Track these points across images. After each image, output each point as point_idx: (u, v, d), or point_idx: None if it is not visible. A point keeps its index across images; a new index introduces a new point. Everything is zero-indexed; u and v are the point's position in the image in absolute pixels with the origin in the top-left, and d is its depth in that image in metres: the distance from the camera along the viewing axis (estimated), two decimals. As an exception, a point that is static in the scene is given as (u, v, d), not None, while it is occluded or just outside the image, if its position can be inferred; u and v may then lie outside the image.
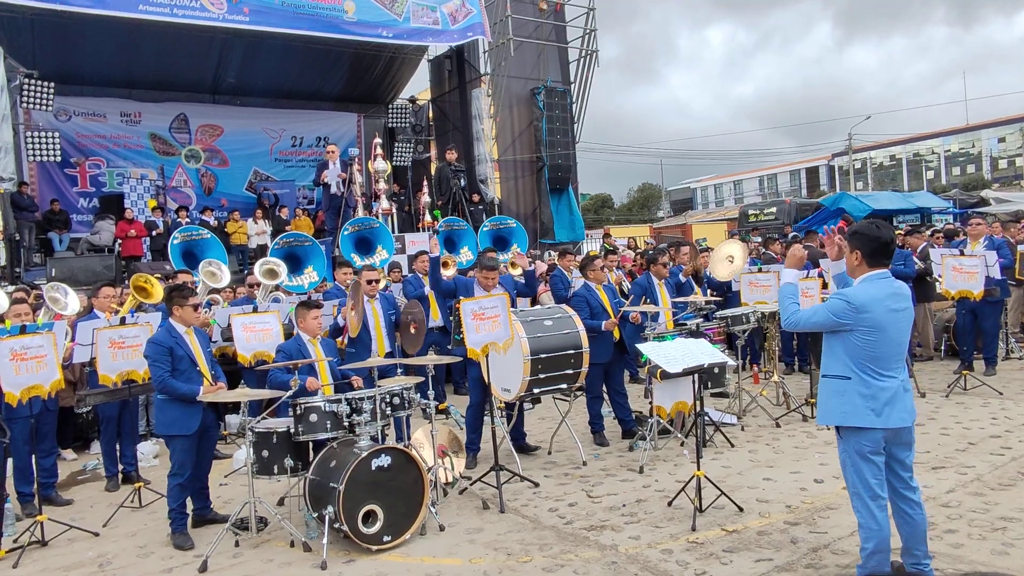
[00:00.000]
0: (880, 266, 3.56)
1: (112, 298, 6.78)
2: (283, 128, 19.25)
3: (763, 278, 8.23)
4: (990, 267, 7.85)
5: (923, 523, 3.61)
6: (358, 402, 4.93)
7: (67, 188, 16.59)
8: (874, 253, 3.55)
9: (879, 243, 3.54)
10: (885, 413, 3.45)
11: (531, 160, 17.75)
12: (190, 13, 12.93)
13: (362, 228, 11.75)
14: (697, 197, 61.40)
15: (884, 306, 3.47)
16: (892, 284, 3.56)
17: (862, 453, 3.50)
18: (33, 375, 5.03)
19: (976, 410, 7.06)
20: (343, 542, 4.68)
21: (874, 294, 3.48)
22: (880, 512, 3.49)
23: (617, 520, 4.89)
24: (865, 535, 3.54)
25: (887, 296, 3.50)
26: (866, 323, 3.45)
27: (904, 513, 3.60)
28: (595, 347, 6.52)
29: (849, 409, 3.49)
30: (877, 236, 3.55)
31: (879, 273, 3.55)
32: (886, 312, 3.47)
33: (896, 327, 3.51)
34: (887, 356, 3.49)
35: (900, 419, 3.47)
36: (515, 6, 17.02)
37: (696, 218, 41.26)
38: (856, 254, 3.59)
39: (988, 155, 45.60)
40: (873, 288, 3.51)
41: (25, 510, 5.76)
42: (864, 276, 3.58)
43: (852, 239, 3.64)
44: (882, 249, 3.55)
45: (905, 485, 3.60)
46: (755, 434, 6.82)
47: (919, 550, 3.61)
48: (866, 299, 3.46)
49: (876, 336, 3.46)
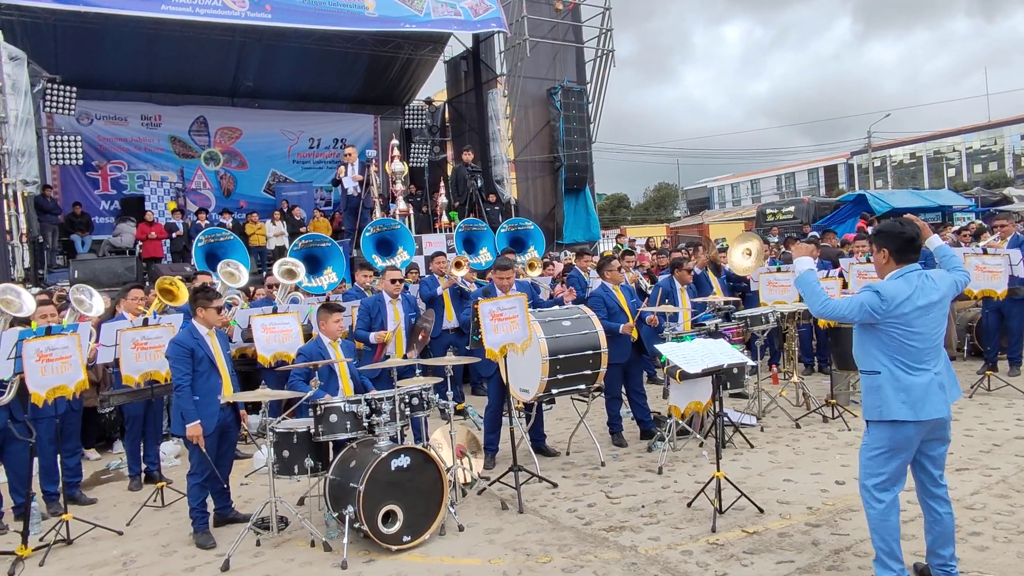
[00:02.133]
0: (908, 262, 3.58)
1: (140, 300, 6.86)
2: (301, 130, 19.40)
3: (782, 278, 8.16)
4: (1014, 265, 7.74)
5: (951, 524, 3.58)
6: (377, 403, 4.96)
7: (89, 191, 16.82)
8: (901, 249, 3.58)
9: (903, 239, 3.58)
10: (918, 406, 3.44)
11: (548, 160, 17.74)
12: (212, 11, 13.00)
13: (383, 230, 11.82)
14: (714, 196, 61.09)
15: (914, 301, 3.48)
16: (925, 279, 3.55)
17: (890, 448, 3.50)
18: (58, 376, 5.09)
19: (1000, 411, 6.97)
20: (363, 542, 4.71)
21: (904, 289, 3.50)
22: (888, 502, 3.50)
23: (636, 521, 4.87)
24: (873, 526, 3.56)
25: (917, 291, 3.50)
26: (895, 317, 3.47)
27: (933, 511, 3.59)
28: (613, 347, 6.51)
29: (882, 403, 3.50)
30: (901, 232, 3.59)
31: (910, 267, 3.57)
32: (916, 307, 3.48)
33: (927, 321, 3.51)
34: (918, 350, 3.49)
35: (935, 410, 3.46)
36: (531, 7, 17.02)
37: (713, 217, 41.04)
38: (884, 252, 3.62)
39: (1011, 152, 44.99)
40: (904, 283, 3.52)
41: (50, 509, 5.84)
42: (892, 273, 3.59)
43: (877, 238, 3.69)
44: (908, 245, 3.58)
45: (935, 483, 3.59)
46: (775, 435, 6.78)
47: (946, 551, 3.58)
48: (896, 293, 3.48)
49: (906, 330, 3.47)
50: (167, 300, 7.22)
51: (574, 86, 17.88)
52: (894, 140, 47.42)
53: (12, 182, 11.64)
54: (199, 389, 5.07)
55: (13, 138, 11.59)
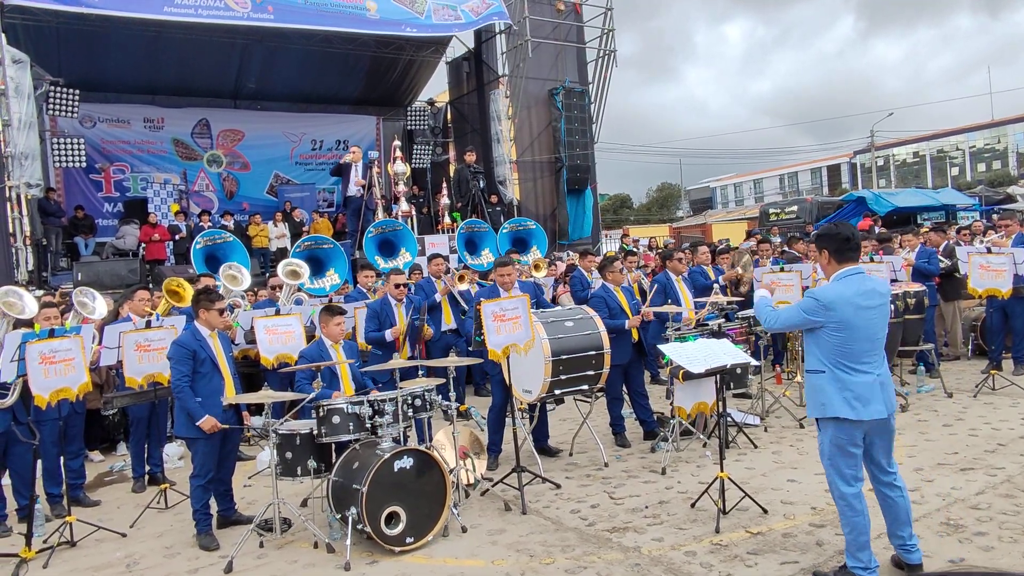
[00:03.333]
0: (849, 261, 3.73)
1: (146, 301, 6.87)
2: (303, 132, 19.41)
3: (785, 277, 8.14)
4: (1018, 264, 7.71)
5: (905, 505, 3.72)
6: (380, 404, 4.96)
7: (92, 193, 16.86)
8: (839, 250, 3.74)
9: (839, 239, 3.75)
10: (860, 406, 3.58)
11: (550, 161, 17.73)
12: (215, 13, 13.03)
13: (386, 231, 11.82)
14: (717, 196, 61.02)
15: (853, 303, 3.61)
16: (865, 282, 3.69)
17: (839, 445, 3.65)
18: (61, 378, 5.10)
19: (1005, 410, 6.94)
20: (366, 543, 4.71)
21: (843, 292, 3.64)
22: (855, 499, 3.63)
23: (640, 522, 4.86)
24: (843, 521, 3.70)
25: (857, 293, 3.63)
26: (835, 320, 3.61)
27: (886, 497, 3.74)
28: (614, 348, 6.51)
29: (826, 401, 3.66)
30: (836, 233, 3.79)
31: (851, 269, 3.72)
32: (855, 309, 3.61)
33: (867, 323, 3.63)
34: (859, 352, 3.62)
35: (876, 411, 3.60)
36: (533, 7, 17.01)
37: (716, 217, 41.00)
38: (824, 254, 3.80)
39: (1015, 150, 44.88)
40: (842, 286, 3.66)
41: (54, 511, 5.85)
42: (836, 274, 3.73)
43: (817, 242, 3.90)
44: (845, 245, 3.73)
45: (883, 471, 3.74)
46: (778, 435, 6.76)
47: (903, 531, 3.72)
48: (834, 296, 3.62)
49: (846, 332, 3.61)
50: (174, 301, 7.24)
51: (576, 86, 17.87)
52: (897, 139, 47.31)
53: (15, 185, 11.67)
54: (202, 390, 5.07)
55: (16, 141, 11.62)
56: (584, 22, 18.54)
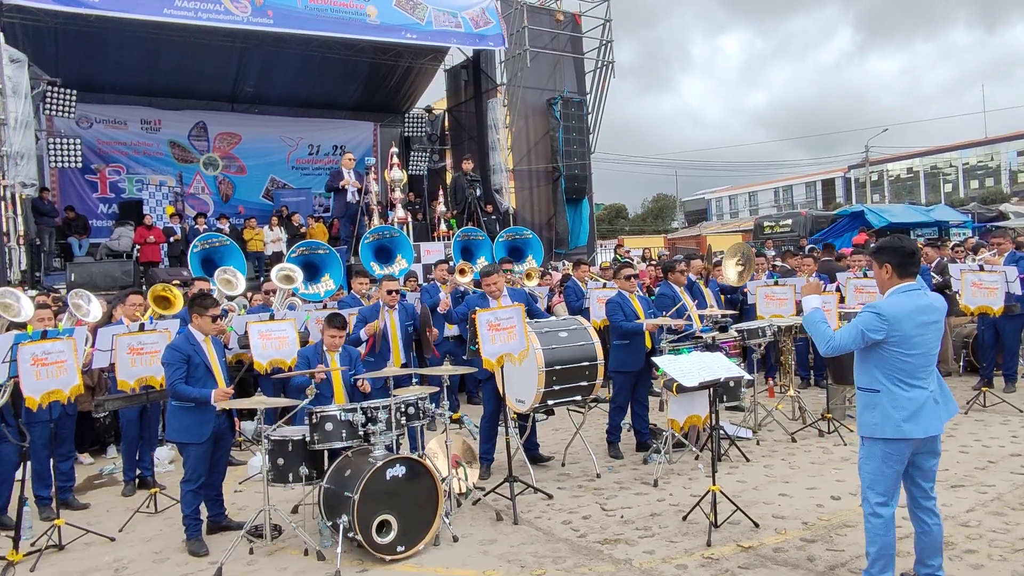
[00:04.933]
0: (909, 277, 3.66)
1: (139, 306, 6.84)
2: (300, 136, 19.41)
3: (779, 291, 8.18)
4: (1010, 282, 7.77)
5: (939, 535, 3.66)
6: (373, 411, 4.95)
7: (87, 194, 16.80)
8: (903, 264, 3.65)
9: (905, 253, 3.66)
10: (914, 423, 3.52)
11: (547, 170, 17.78)
12: (214, 16, 13.03)
13: (382, 237, 11.81)
14: (712, 208, 61.21)
15: (914, 319, 3.54)
16: (923, 296, 3.63)
17: (886, 459, 3.58)
18: (53, 380, 5.08)
19: (996, 428, 6.97)
20: (357, 551, 4.69)
21: (904, 306, 3.56)
22: (887, 516, 3.57)
23: (631, 534, 4.86)
24: (870, 538, 3.62)
25: (917, 308, 3.57)
26: (896, 335, 3.53)
27: (922, 523, 3.66)
28: (627, 355, 6.54)
29: (880, 421, 3.58)
30: (901, 247, 3.68)
31: (909, 285, 3.65)
32: (916, 324, 3.54)
33: (926, 339, 3.58)
34: (916, 367, 3.56)
35: (931, 427, 3.55)
36: (532, 17, 17.09)
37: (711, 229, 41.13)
38: (886, 268, 3.69)
39: (1007, 168, 45.17)
40: (903, 300, 3.59)
41: (43, 513, 5.81)
42: (894, 289, 3.66)
43: (879, 254, 3.76)
44: (909, 259, 3.66)
45: (925, 495, 3.67)
46: (771, 449, 6.77)
47: (934, 561, 3.66)
48: (896, 311, 3.55)
49: (906, 348, 3.54)
50: (161, 308, 7.18)
51: (574, 96, 17.95)
52: (892, 155, 47.60)
53: (10, 184, 11.63)
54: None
55: (12, 140, 11.57)
56: (583, 33, 18.64)
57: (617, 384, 6.77)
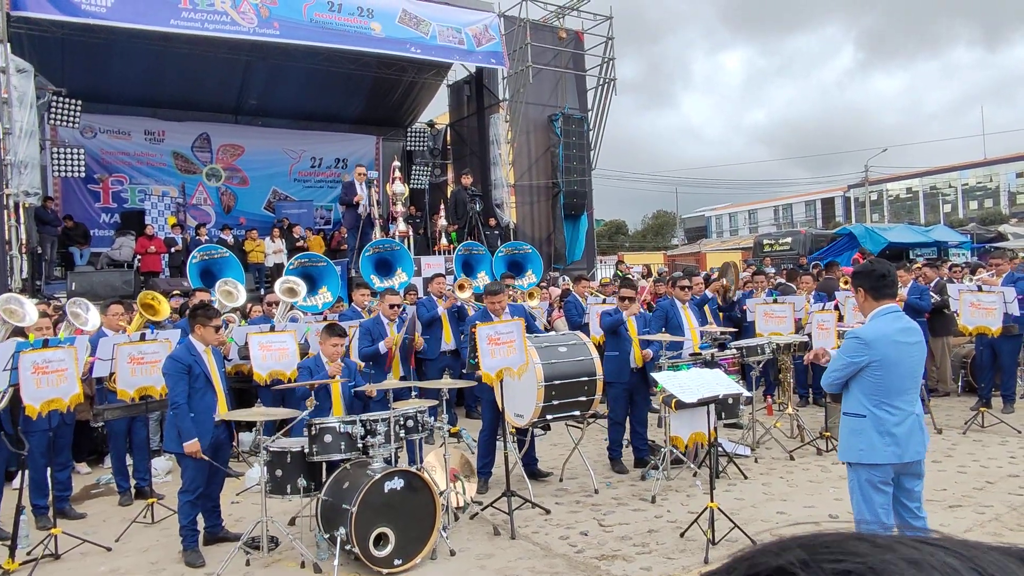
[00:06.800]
0: (886, 298, 3.71)
1: (120, 316, 6.85)
2: (303, 149, 19.51)
3: (778, 309, 8.21)
4: (1008, 303, 7.80)
5: None
6: (372, 424, 4.96)
7: (89, 203, 16.87)
8: (875, 287, 3.71)
9: (875, 276, 3.73)
10: (900, 447, 3.55)
11: (547, 186, 17.86)
12: (221, 27, 13.13)
13: (383, 250, 11.84)
14: (711, 225, 61.35)
15: (894, 340, 3.59)
16: (902, 319, 3.69)
17: (873, 484, 3.62)
18: (53, 388, 5.09)
19: (994, 448, 6.97)
20: (354, 564, 4.68)
21: (883, 329, 3.61)
22: None
23: (629, 550, 4.85)
24: None
25: (896, 331, 3.62)
26: (877, 357, 3.57)
27: None
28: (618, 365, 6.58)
29: (866, 447, 3.60)
30: (872, 270, 3.77)
31: (888, 307, 3.70)
32: (896, 346, 3.59)
33: (908, 360, 3.62)
34: (900, 389, 3.59)
35: (915, 452, 3.59)
36: (535, 34, 17.23)
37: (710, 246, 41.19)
38: (860, 292, 3.77)
39: (1006, 189, 45.37)
40: (882, 323, 3.64)
41: (39, 523, 5.80)
42: (874, 312, 3.71)
43: (854, 279, 3.92)
44: (881, 281, 3.71)
45: (913, 515, 3.72)
46: (769, 466, 6.77)
47: None
48: (876, 335, 3.60)
49: (887, 370, 3.58)
50: (148, 315, 7.18)
51: (575, 113, 18.05)
52: (891, 175, 47.79)
53: (13, 192, 11.68)
54: (195, 406, 5.07)
55: (16, 149, 11.64)
56: (585, 50, 18.78)
57: (611, 397, 6.79)
